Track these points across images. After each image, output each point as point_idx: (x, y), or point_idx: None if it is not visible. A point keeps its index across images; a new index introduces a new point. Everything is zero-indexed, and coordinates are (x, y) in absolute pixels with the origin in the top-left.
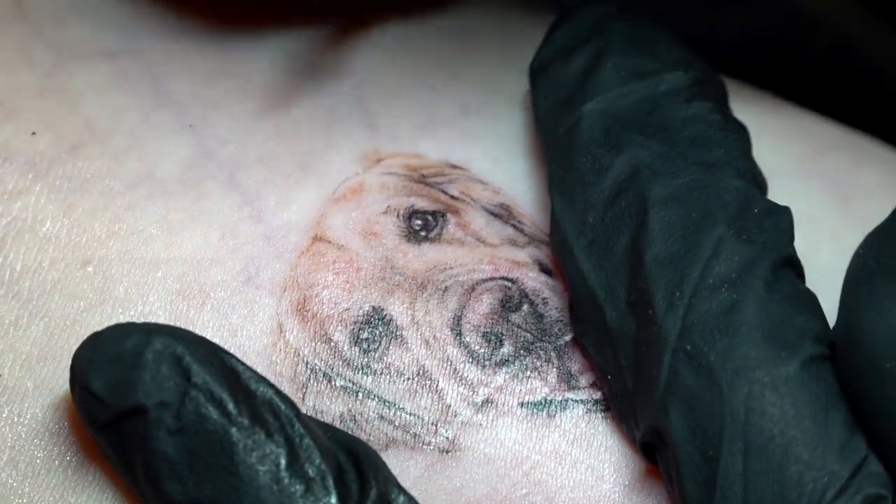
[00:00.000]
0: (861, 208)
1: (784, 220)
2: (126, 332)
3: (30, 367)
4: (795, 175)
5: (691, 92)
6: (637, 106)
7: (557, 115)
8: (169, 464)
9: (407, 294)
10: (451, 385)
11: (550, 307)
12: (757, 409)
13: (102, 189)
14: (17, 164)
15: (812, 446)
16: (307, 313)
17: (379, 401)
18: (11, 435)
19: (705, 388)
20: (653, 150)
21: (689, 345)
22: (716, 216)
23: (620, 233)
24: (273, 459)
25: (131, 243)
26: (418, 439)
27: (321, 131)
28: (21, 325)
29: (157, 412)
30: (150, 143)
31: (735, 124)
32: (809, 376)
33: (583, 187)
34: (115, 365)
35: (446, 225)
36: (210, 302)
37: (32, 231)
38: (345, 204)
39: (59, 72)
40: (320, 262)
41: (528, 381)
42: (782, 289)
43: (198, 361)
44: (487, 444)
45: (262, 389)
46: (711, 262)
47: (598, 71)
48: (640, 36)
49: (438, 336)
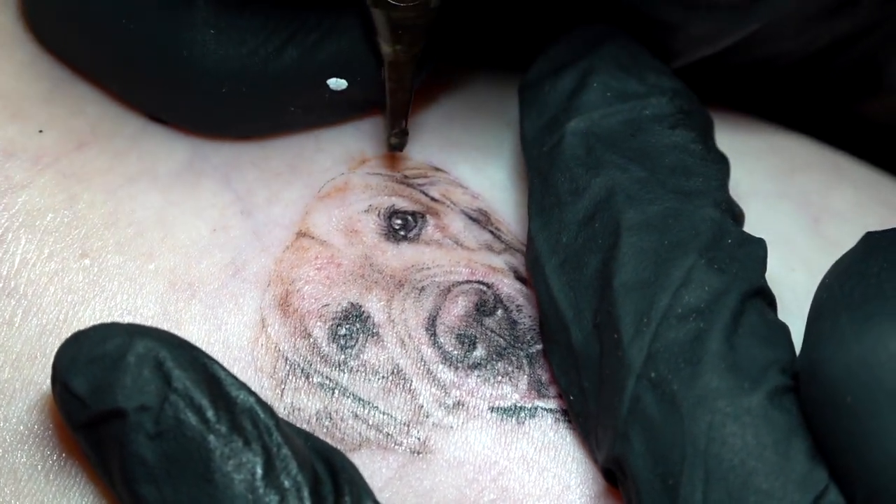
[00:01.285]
0: (833, 230)
1: (757, 251)
2: (109, 332)
3: (19, 367)
4: (768, 195)
5: (676, 119)
6: (621, 127)
7: (542, 133)
8: (146, 468)
9: (384, 292)
10: (424, 385)
11: (524, 315)
12: (718, 439)
13: (104, 183)
14: (23, 158)
15: (772, 477)
16: (289, 308)
17: (354, 399)
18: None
19: (667, 416)
20: (631, 175)
21: (653, 372)
22: (688, 245)
23: (592, 254)
24: (249, 468)
25: (128, 234)
26: (391, 439)
27: (311, 136)
28: (14, 324)
29: (136, 416)
30: (150, 145)
31: (716, 155)
32: (773, 407)
33: (559, 207)
34: (96, 366)
35: (425, 226)
36: (199, 295)
37: (34, 223)
38: (329, 202)
39: (66, 83)
40: (303, 258)
41: (499, 385)
42: (750, 320)
43: (179, 366)
44: (457, 447)
45: (242, 397)
46: (681, 290)
47: (584, 90)
48: (630, 59)
49: (413, 335)
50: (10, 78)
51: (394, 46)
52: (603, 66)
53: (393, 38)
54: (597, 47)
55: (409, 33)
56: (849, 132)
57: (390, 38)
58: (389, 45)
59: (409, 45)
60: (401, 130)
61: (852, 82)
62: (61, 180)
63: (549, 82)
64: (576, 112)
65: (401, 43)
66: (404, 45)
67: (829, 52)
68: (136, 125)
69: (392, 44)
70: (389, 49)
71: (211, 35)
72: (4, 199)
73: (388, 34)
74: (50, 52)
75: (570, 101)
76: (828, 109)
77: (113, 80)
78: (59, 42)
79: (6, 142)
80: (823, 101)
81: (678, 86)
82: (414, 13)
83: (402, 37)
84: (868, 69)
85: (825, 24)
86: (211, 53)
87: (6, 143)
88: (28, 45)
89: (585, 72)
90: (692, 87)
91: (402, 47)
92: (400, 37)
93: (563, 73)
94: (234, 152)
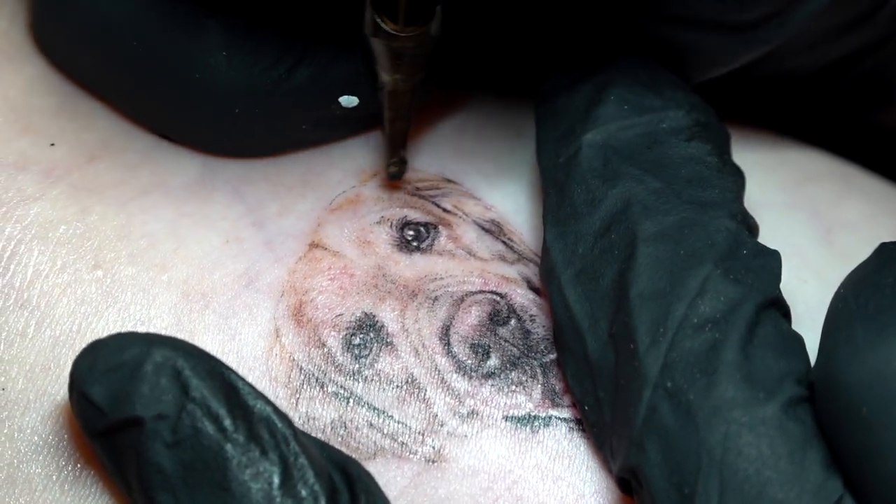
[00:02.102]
0: (844, 241)
1: (772, 263)
2: (127, 342)
3: (32, 378)
4: (779, 206)
5: (692, 132)
6: (637, 140)
7: (558, 145)
8: (163, 476)
9: (398, 301)
10: (439, 394)
11: (537, 324)
12: (733, 449)
13: (116, 195)
14: (35, 171)
15: (787, 486)
16: (303, 318)
17: (369, 408)
18: (11, 451)
19: (683, 425)
20: (647, 186)
21: (669, 382)
22: (704, 255)
23: (608, 265)
24: (266, 478)
25: (141, 245)
26: (405, 448)
27: (321, 152)
28: (28, 335)
29: (153, 424)
30: (161, 159)
31: (732, 168)
32: (788, 417)
33: (576, 218)
34: (114, 374)
35: (438, 237)
36: (212, 305)
37: (47, 235)
38: (341, 213)
39: (76, 98)
40: (316, 268)
41: (513, 395)
42: (766, 330)
43: (197, 375)
44: (472, 455)
45: (259, 406)
46: (697, 300)
47: (601, 103)
48: (647, 74)
49: (427, 345)
50: (20, 92)
51: (393, 76)
52: (620, 79)
53: (392, 67)
54: (614, 61)
55: (408, 63)
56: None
57: (390, 68)
58: (389, 74)
59: (409, 74)
60: (399, 159)
61: (865, 94)
62: (73, 193)
63: (565, 94)
64: (592, 124)
65: (400, 72)
66: (403, 75)
67: (842, 66)
68: (146, 140)
69: (391, 73)
70: (389, 78)
71: (223, 57)
72: (17, 211)
73: (387, 63)
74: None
75: (587, 114)
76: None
77: (123, 100)
78: (69, 61)
79: (18, 155)
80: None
81: (694, 100)
82: (413, 43)
83: (401, 66)
84: (881, 81)
85: (839, 40)
86: (223, 75)
87: (18, 156)
88: (38, 59)
89: (602, 85)
90: (705, 100)
91: (402, 76)
92: (399, 66)
93: (579, 86)
94: (244, 167)
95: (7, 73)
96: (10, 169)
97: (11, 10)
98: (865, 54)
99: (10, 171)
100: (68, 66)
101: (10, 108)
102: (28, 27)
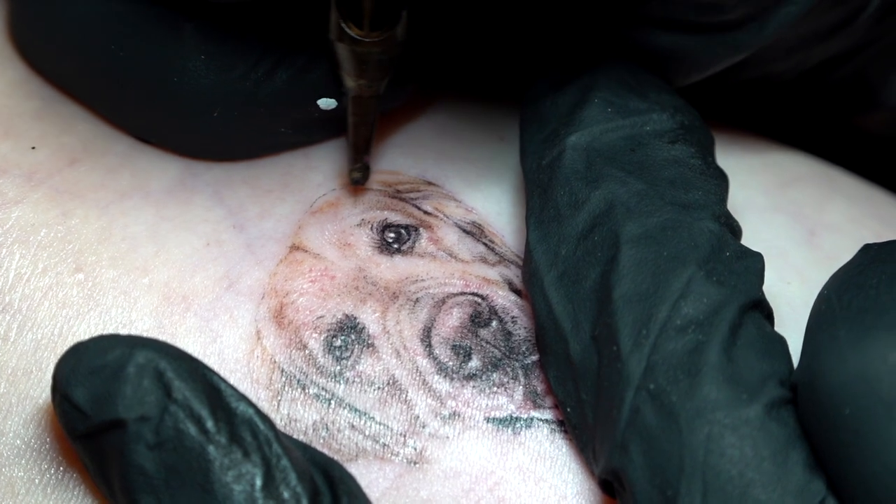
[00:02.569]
0: (828, 243)
1: (755, 265)
2: (109, 344)
3: (14, 382)
4: (762, 209)
5: (676, 135)
6: (621, 142)
7: (542, 147)
8: (145, 478)
9: (379, 303)
10: (420, 396)
11: (519, 326)
12: (716, 450)
13: (97, 198)
14: (16, 174)
15: (770, 488)
16: (284, 320)
17: (350, 409)
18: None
19: (666, 427)
20: (630, 188)
21: (652, 384)
22: (687, 257)
23: (591, 267)
24: (249, 479)
25: (122, 248)
26: (387, 450)
27: (301, 156)
28: (9, 338)
29: (136, 426)
30: (141, 162)
31: (716, 171)
32: (771, 419)
33: (559, 220)
34: (96, 377)
35: (419, 239)
36: (193, 308)
37: (28, 238)
38: (321, 216)
39: (56, 101)
40: (297, 270)
41: (494, 396)
42: (749, 332)
43: (179, 377)
44: (453, 457)
45: (242, 408)
46: (680, 302)
47: (586, 105)
48: (631, 77)
49: (409, 346)
50: (1, 96)
51: (357, 81)
52: (604, 82)
53: (357, 72)
54: (599, 65)
55: (373, 68)
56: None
57: (354, 73)
58: (353, 79)
59: (373, 79)
60: (363, 164)
61: (846, 98)
62: (55, 196)
63: (550, 97)
64: (576, 127)
65: (364, 77)
66: (368, 80)
67: (822, 71)
68: (126, 142)
69: (356, 78)
70: (353, 83)
71: (202, 61)
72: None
73: (351, 68)
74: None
75: (571, 116)
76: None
77: (101, 103)
78: (48, 65)
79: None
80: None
81: (679, 102)
82: (379, 48)
83: (366, 71)
84: (861, 85)
85: (818, 45)
86: (202, 78)
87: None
88: (19, 63)
89: (587, 87)
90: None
91: (366, 82)
92: (364, 71)
93: (564, 89)
94: (224, 170)
95: None
96: None
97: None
98: (845, 59)
99: None
100: (48, 71)
101: None
102: (7, 33)
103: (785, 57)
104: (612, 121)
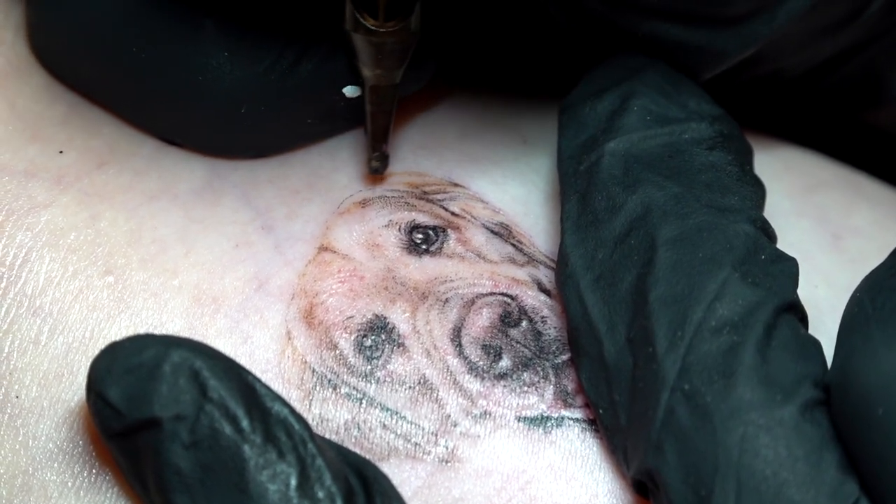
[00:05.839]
0: (853, 247)
1: (790, 268)
2: (144, 343)
3: (46, 385)
4: (787, 213)
5: (714, 142)
6: (659, 150)
7: (580, 152)
8: (180, 477)
9: (408, 304)
10: (451, 395)
11: (549, 326)
12: (750, 451)
13: (125, 200)
14: (45, 178)
15: (804, 488)
16: (314, 320)
17: (382, 409)
18: (26, 458)
19: (700, 427)
20: (667, 191)
21: (687, 384)
22: (722, 259)
23: (627, 270)
24: (283, 479)
25: (151, 251)
26: (419, 448)
27: (327, 156)
28: (41, 342)
29: (171, 425)
30: (168, 164)
31: (752, 178)
32: (805, 420)
33: (596, 224)
34: (132, 375)
35: (447, 240)
36: (223, 309)
37: (58, 242)
38: (349, 217)
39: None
40: (326, 271)
41: (525, 395)
42: (783, 334)
43: (215, 376)
44: (485, 456)
45: (277, 408)
46: (715, 304)
47: (625, 113)
48: (671, 86)
49: (439, 346)
50: (28, 101)
51: (374, 71)
52: (644, 90)
53: (373, 62)
54: (639, 73)
55: (389, 57)
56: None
57: (371, 63)
58: (370, 69)
59: (390, 69)
60: (381, 153)
61: (854, 94)
62: (83, 199)
63: (589, 103)
64: (615, 133)
65: (381, 67)
66: (384, 70)
67: (830, 66)
68: (152, 145)
69: (373, 68)
70: (370, 73)
71: (225, 57)
72: (28, 218)
73: (368, 59)
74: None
75: (610, 123)
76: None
77: (126, 107)
78: (69, 72)
79: (27, 163)
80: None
81: (718, 112)
82: (394, 38)
83: (382, 61)
84: (870, 81)
85: (826, 40)
86: (227, 75)
87: (27, 163)
88: (44, 69)
89: (626, 95)
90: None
91: (383, 71)
92: (380, 61)
93: (603, 95)
94: (251, 171)
95: (14, 83)
96: (20, 177)
97: (16, 22)
98: (853, 54)
99: (21, 178)
100: (69, 78)
101: (18, 118)
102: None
103: (795, 52)
104: (651, 128)
